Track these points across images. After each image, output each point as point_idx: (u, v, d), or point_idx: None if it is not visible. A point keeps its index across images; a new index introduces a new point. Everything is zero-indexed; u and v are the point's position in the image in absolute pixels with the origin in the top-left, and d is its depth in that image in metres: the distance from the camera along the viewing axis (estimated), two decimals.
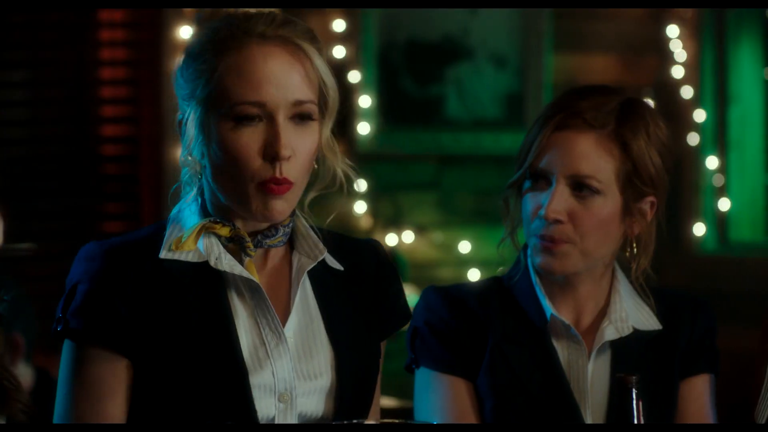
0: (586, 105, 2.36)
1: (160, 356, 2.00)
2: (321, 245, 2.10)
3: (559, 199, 2.35)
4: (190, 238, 2.03)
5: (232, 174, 2.01)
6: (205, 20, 2.08)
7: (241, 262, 2.05)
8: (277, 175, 2.00)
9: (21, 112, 4.75)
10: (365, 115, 5.04)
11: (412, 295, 4.98)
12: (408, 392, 2.51)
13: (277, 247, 2.09)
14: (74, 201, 4.72)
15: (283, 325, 2.06)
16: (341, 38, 4.98)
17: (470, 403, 2.39)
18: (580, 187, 2.35)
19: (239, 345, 2.02)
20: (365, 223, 5.07)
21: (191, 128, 2.04)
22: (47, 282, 4.50)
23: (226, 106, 2.00)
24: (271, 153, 2.00)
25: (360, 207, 5.03)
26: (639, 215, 2.40)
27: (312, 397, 2.06)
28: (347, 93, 5.01)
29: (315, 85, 2.06)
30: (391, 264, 2.22)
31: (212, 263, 2.03)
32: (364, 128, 5.04)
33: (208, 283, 2.04)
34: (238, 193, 2.02)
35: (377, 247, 2.21)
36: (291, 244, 2.12)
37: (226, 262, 2.04)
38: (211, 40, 2.02)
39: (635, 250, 2.42)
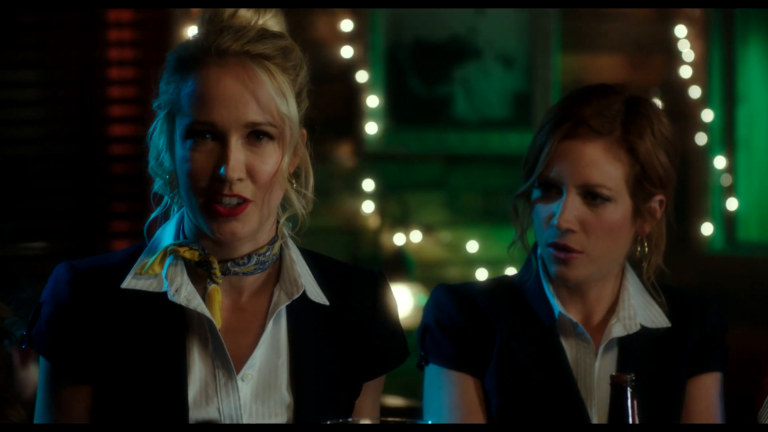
0: (589, 111, 2.36)
1: (115, 385, 2.00)
2: (300, 282, 2.06)
3: (570, 209, 2.35)
4: (155, 262, 2.02)
5: (186, 192, 2.00)
6: (208, 23, 2.05)
7: (206, 289, 2.03)
8: (226, 191, 1.97)
9: (30, 112, 4.76)
10: (373, 114, 5.04)
11: (420, 295, 4.99)
12: (414, 392, 2.52)
13: (254, 275, 2.06)
14: (82, 200, 4.73)
15: (246, 361, 2.03)
16: (349, 38, 4.98)
17: (478, 400, 2.40)
18: (592, 195, 2.36)
19: (185, 380, 2.00)
20: (373, 222, 5.07)
21: (159, 140, 2.04)
22: None
23: (182, 125, 1.99)
24: (218, 172, 1.97)
25: (368, 207, 5.03)
26: (649, 215, 2.40)
27: None
28: (355, 93, 5.02)
29: (275, 107, 1.99)
30: (389, 300, 2.16)
31: (169, 295, 2.01)
32: (371, 128, 5.04)
33: (167, 314, 2.02)
34: (194, 212, 2.01)
35: (378, 281, 2.15)
36: (279, 275, 2.08)
37: (184, 295, 2.01)
38: (179, 57, 2.01)
39: (647, 249, 2.43)
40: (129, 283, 2.03)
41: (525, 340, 2.40)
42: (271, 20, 2.04)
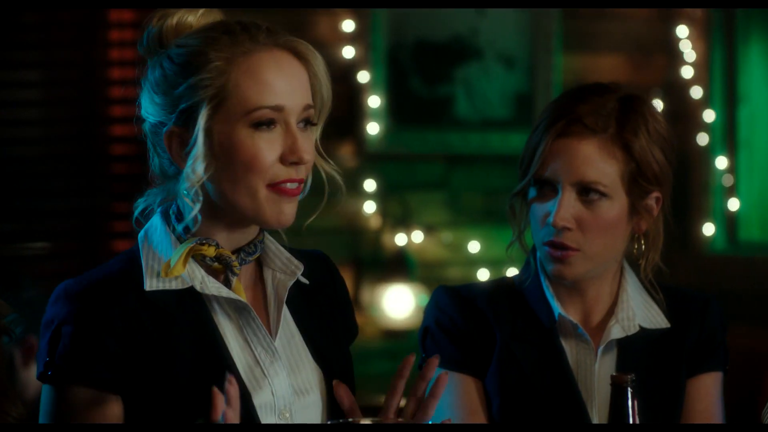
0: (584, 109, 2.36)
1: (157, 389, 1.97)
2: (296, 261, 2.08)
3: (566, 207, 2.35)
4: (178, 263, 1.99)
5: (246, 180, 1.99)
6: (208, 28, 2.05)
7: (227, 282, 2.03)
8: (295, 176, 2.00)
9: (31, 112, 4.76)
10: (374, 115, 5.05)
11: (421, 295, 4.99)
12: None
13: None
14: (84, 200, 4.73)
15: (274, 341, 2.05)
16: (350, 38, 4.98)
17: (479, 401, 2.41)
18: (587, 191, 2.36)
19: (236, 368, 2.00)
20: (374, 222, 5.07)
21: (200, 139, 1.98)
22: (58, 281, 4.50)
23: (242, 112, 1.98)
24: (292, 158, 1.99)
25: (369, 207, 5.03)
26: (645, 212, 2.41)
27: (307, 411, 2.06)
28: (356, 93, 5.02)
29: (312, 90, 2.04)
30: (341, 275, 2.23)
31: (198, 288, 2.00)
32: (373, 128, 5.04)
33: (193, 309, 2.01)
34: (250, 200, 2.00)
35: (327, 259, 2.22)
36: (258, 260, 2.10)
37: (212, 286, 2.01)
38: (215, 47, 1.99)
39: (643, 246, 2.43)
40: (152, 285, 2.00)
41: (525, 341, 2.41)
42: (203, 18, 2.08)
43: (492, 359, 2.40)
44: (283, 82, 1.99)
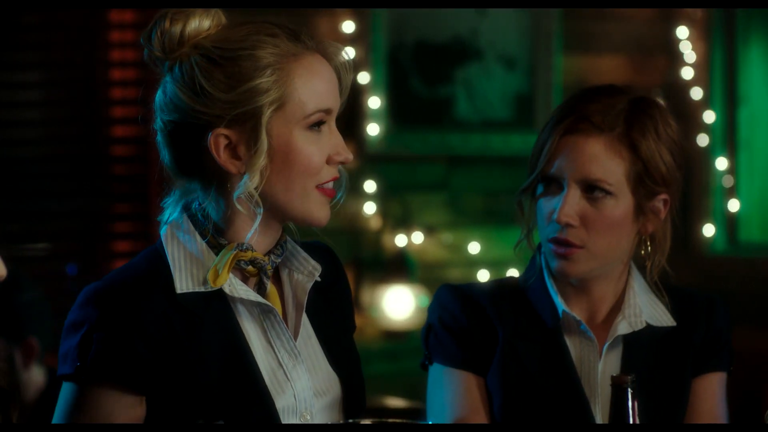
0: (594, 108, 2.37)
1: (184, 390, 1.97)
2: (312, 261, 2.09)
3: (570, 203, 2.36)
4: (224, 271, 2.00)
5: (301, 182, 2.01)
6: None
7: (261, 286, 2.03)
8: (336, 174, 2.04)
9: (32, 113, 4.76)
10: (374, 116, 5.05)
11: (421, 296, 4.99)
12: (416, 393, 2.52)
13: None
14: (84, 201, 4.74)
15: (295, 342, 2.05)
16: (351, 39, 4.99)
17: (481, 399, 2.41)
18: (591, 189, 2.36)
19: (260, 372, 2.00)
20: (374, 223, 5.07)
21: (264, 144, 1.98)
22: (59, 281, 4.51)
23: (300, 116, 2.00)
24: (339, 159, 2.04)
25: (369, 208, 5.04)
26: (652, 214, 2.41)
27: (326, 411, 2.06)
28: (357, 94, 5.02)
29: (345, 85, 2.10)
30: (344, 269, 2.23)
31: (227, 291, 2.00)
32: (373, 129, 5.05)
33: (220, 311, 2.01)
34: (301, 201, 2.02)
35: (333, 253, 2.21)
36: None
37: (241, 288, 2.01)
38: (268, 51, 2.00)
39: (650, 248, 2.44)
40: (183, 286, 2.00)
41: (528, 338, 2.41)
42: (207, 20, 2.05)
43: (494, 357, 2.41)
44: (328, 85, 2.04)
